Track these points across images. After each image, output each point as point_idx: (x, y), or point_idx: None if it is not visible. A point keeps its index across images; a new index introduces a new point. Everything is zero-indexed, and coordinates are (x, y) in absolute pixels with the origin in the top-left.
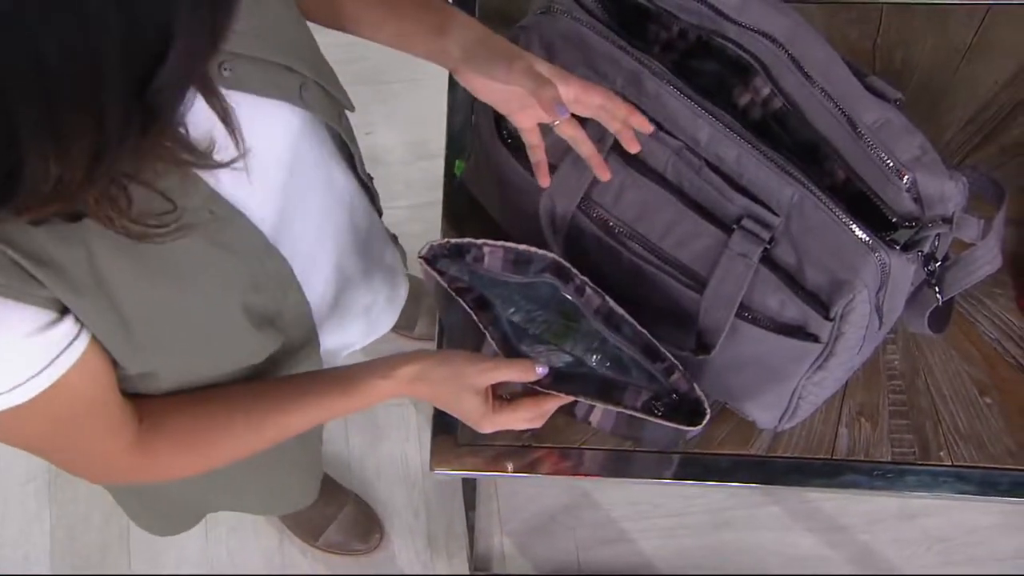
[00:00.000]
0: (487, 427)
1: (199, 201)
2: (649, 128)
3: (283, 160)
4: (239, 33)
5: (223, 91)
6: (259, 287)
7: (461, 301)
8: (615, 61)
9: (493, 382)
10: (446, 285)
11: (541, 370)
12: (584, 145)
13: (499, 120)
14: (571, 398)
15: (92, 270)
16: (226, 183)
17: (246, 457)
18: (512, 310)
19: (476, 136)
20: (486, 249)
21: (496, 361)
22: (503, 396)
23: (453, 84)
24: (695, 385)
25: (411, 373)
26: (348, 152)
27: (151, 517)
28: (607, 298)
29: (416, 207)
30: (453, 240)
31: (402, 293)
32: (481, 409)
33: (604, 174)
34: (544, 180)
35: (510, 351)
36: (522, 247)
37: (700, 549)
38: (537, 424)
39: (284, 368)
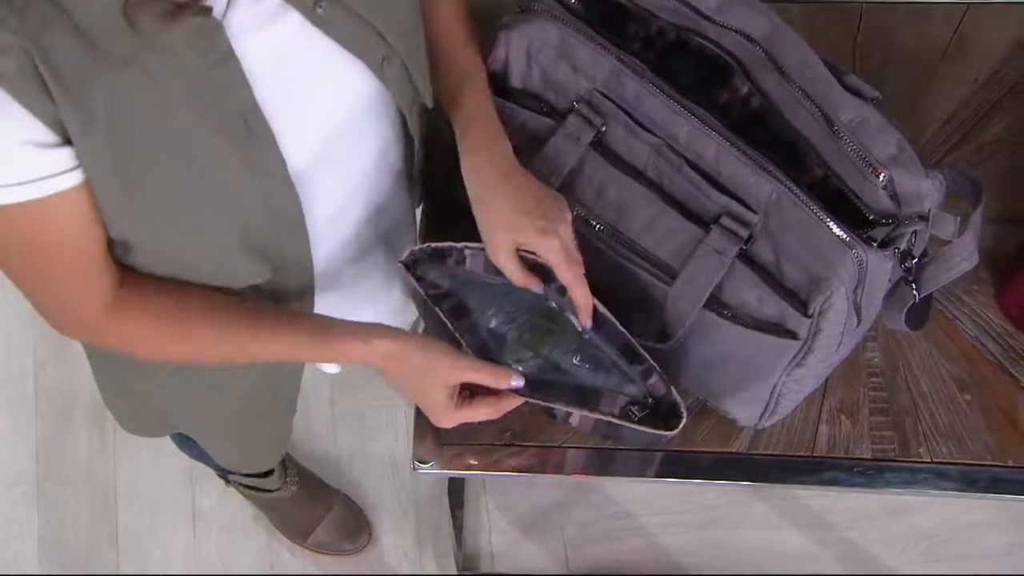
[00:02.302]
0: (445, 423)
1: (237, 105)
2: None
3: (341, 114)
4: None
5: (311, 26)
6: (266, 213)
7: (437, 310)
8: (595, 59)
9: (465, 381)
10: (423, 292)
11: (516, 382)
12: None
13: None
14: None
15: (108, 117)
16: (270, 101)
17: (208, 362)
18: (492, 311)
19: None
20: (467, 252)
21: (474, 362)
22: (466, 391)
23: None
24: (672, 388)
25: (389, 349)
26: (408, 142)
27: (123, 410)
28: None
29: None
30: (434, 245)
31: (412, 311)
32: (444, 404)
33: (586, 321)
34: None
35: (486, 358)
36: None
37: (688, 547)
38: (494, 417)
39: None
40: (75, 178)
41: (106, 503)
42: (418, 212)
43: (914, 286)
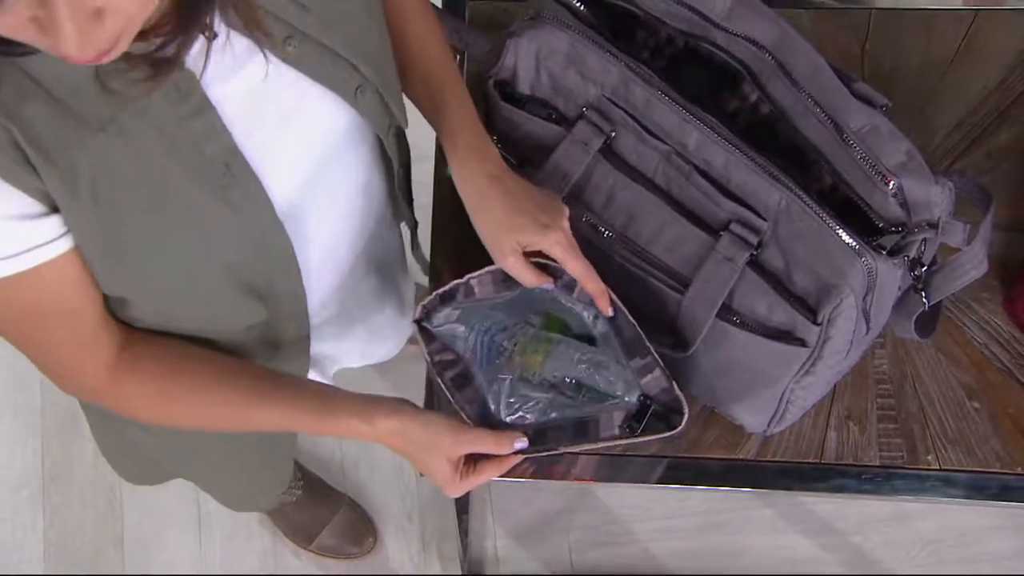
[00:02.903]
0: (452, 493)
1: (217, 151)
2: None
3: (320, 147)
4: (314, 15)
5: (282, 64)
6: (256, 259)
7: (439, 380)
8: (604, 66)
9: (468, 452)
10: (429, 360)
11: (520, 444)
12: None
13: (489, 126)
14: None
15: (91, 181)
16: (250, 144)
17: (210, 430)
18: (493, 328)
19: None
20: (472, 281)
21: (476, 434)
22: (471, 461)
23: None
24: (674, 383)
25: (390, 428)
26: (390, 166)
27: (121, 460)
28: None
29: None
30: (440, 291)
31: (407, 331)
32: (449, 476)
33: (606, 309)
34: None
35: (487, 426)
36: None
37: (693, 551)
38: (500, 474)
39: (268, 354)
40: (65, 244)
41: (111, 506)
42: (404, 229)
43: (923, 294)
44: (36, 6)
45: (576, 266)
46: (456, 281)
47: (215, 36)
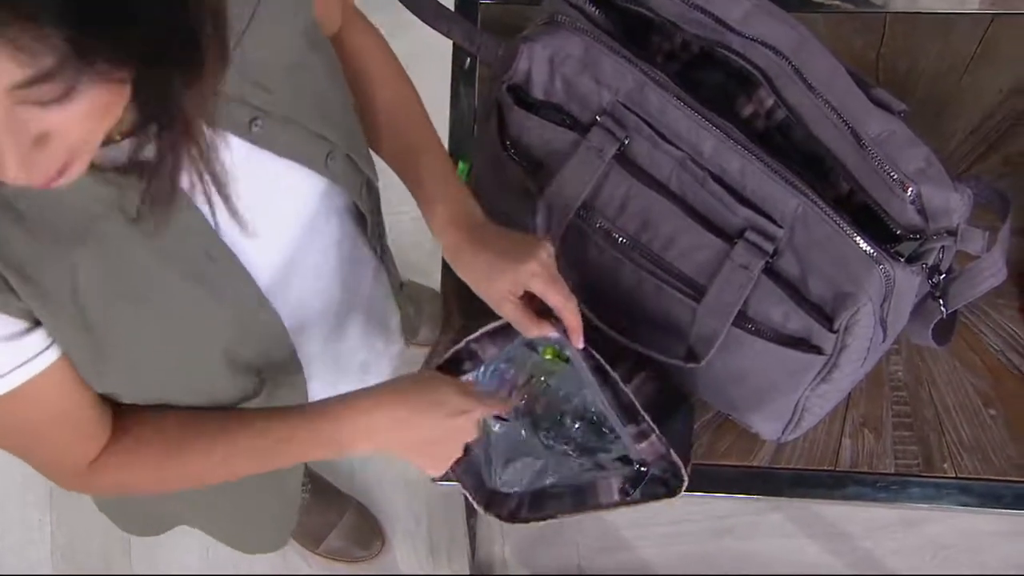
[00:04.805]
0: (477, 410)
1: (199, 242)
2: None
3: (298, 219)
4: (277, 94)
5: (251, 145)
6: (247, 337)
7: None
8: (619, 71)
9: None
10: None
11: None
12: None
13: (502, 131)
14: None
15: (72, 292)
16: (230, 228)
17: (202, 485)
18: (505, 359)
19: (479, 147)
20: (473, 346)
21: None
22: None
23: (455, 94)
24: (671, 450)
25: (379, 390)
26: (365, 221)
27: (119, 514)
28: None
29: (416, 219)
30: (439, 363)
31: (397, 355)
32: (464, 394)
33: (578, 343)
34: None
35: (482, 497)
36: (497, 324)
37: (701, 556)
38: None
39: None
40: (52, 355)
41: None
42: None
43: (941, 301)
44: None
45: (555, 298)
46: (454, 349)
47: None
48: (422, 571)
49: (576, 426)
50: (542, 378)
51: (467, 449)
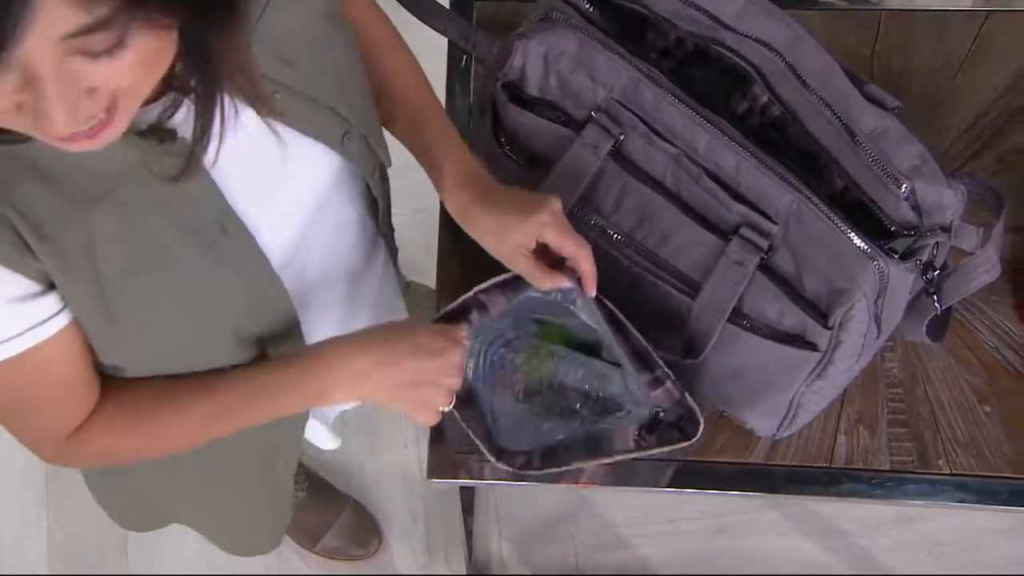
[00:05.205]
0: (455, 341)
1: (212, 212)
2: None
3: (311, 196)
4: (299, 70)
5: (270, 119)
6: (256, 312)
7: None
8: (613, 68)
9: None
10: None
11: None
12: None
13: (497, 128)
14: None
15: (89, 255)
16: (243, 201)
17: (186, 444)
18: (504, 342)
19: (474, 144)
20: (482, 296)
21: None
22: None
23: (451, 92)
24: (686, 394)
25: (349, 339)
26: (376, 204)
27: (116, 508)
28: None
29: (415, 212)
30: (448, 310)
31: None
32: (440, 333)
33: (591, 291)
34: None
35: (493, 448)
36: (507, 275)
37: (699, 554)
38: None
39: None
40: (63, 320)
41: None
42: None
43: (935, 298)
44: (21, 91)
45: (570, 246)
46: (462, 298)
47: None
48: (419, 569)
49: (579, 406)
50: (543, 363)
51: (474, 397)
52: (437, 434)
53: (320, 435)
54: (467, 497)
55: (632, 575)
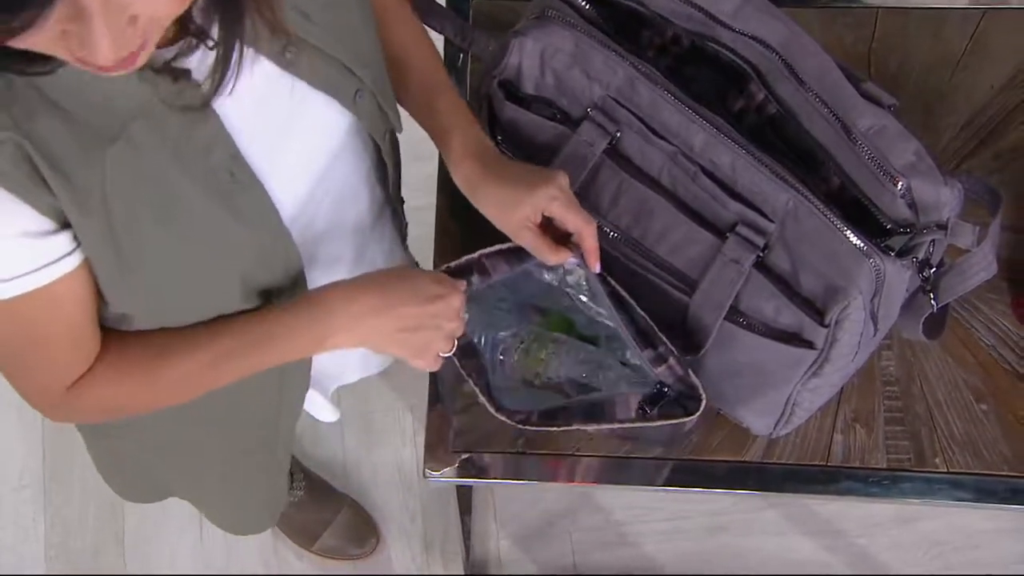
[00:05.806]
0: (455, 290)
1: (222, 158)
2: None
3: (321, 154)
4: (315, 23)
5: (281, 71)
6: (264, 263)
7: None
8: (609, 66)
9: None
10: None
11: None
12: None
13: (494, 125)
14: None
15: (103, 194)
16: (254, 151)
17: (184, 394)
18: (506, 331)
19: None
20: (485, 261)
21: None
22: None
23: None
24: (689, 370)
25: (349, 283)
26: (385, 168)
27: (118, 479)
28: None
29: (412, 210)
30: (452, 266)
31: None
32: (438, 280)
33: (594, 266)
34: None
35: (493, 401)
36: (512, 244)
37: (697, 553)
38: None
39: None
40: (75, 260)
41: (112, 505)
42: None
43: (932, 296)
44: (68, 20)
45: (575, 220)
46: (468, 256)
47: (215, 45)
48: (417, 569)
49: (576, 393)
50: (543, 350)
51: (476, 350)
52: (433, 432)
53: (318, 405)
54: (465, 496)
55: (631, 575)
